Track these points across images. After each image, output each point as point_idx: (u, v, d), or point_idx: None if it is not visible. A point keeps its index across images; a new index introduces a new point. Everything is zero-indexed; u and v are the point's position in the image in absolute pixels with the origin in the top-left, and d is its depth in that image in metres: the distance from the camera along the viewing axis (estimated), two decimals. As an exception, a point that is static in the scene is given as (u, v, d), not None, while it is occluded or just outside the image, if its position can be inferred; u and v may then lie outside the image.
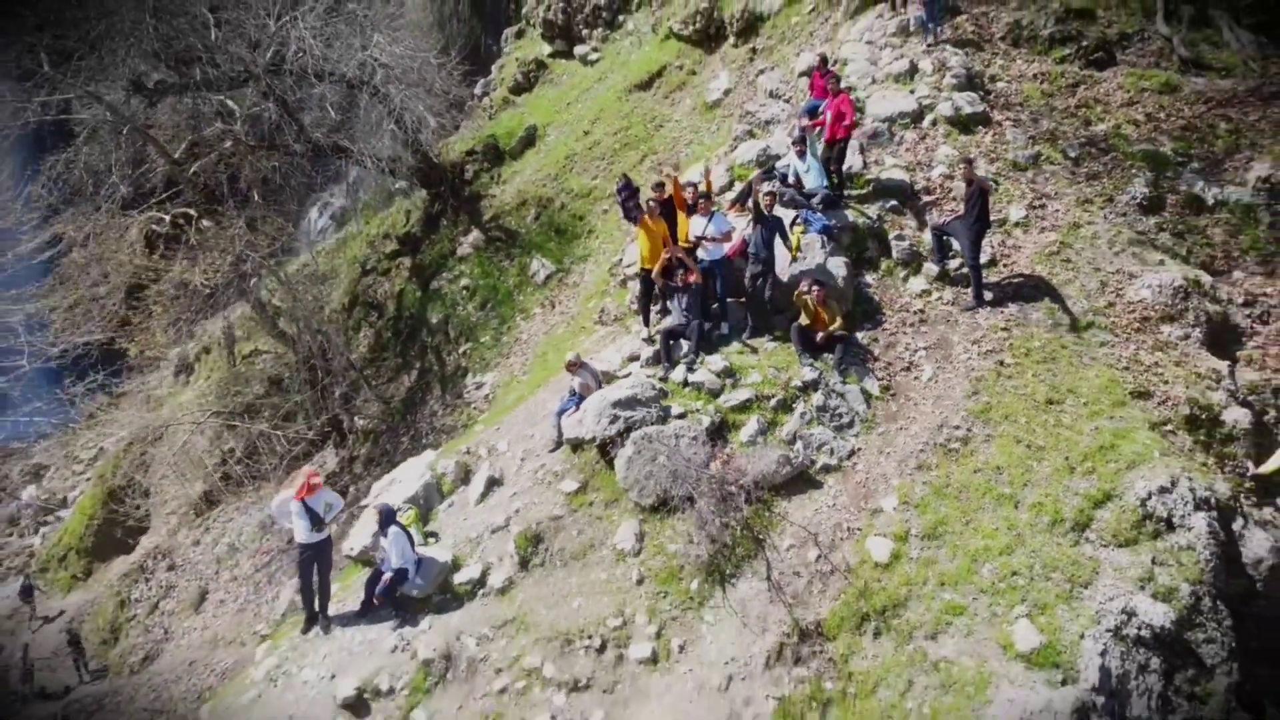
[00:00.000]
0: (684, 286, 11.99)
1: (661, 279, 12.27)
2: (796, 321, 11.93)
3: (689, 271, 11.95)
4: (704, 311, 12.08)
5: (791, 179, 13.36)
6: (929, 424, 11.06)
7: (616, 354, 12.74)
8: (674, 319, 12.31)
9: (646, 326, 12.96)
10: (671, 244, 12.12)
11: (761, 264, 12.09)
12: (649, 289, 12.79)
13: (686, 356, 11.79)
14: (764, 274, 12.16)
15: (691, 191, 12.54)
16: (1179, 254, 13.45)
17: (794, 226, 12.71)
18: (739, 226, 12.77)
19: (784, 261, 12.52)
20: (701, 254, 12.24)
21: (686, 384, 11.54)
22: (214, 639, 21.18)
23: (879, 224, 13.43)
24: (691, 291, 11.97)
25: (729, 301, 12.54)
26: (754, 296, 12.35)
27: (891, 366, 11.99)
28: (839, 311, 11.96)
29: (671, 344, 11.95)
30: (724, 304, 12.42)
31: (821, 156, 13.45)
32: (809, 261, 12.49)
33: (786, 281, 12.41)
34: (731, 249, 12.37)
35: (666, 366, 11.83)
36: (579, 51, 26.81)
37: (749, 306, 12.43)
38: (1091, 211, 13.66)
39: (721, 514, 10.14)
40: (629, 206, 12.80)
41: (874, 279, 13.06)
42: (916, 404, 11.46)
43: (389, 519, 10.27)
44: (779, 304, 12.36)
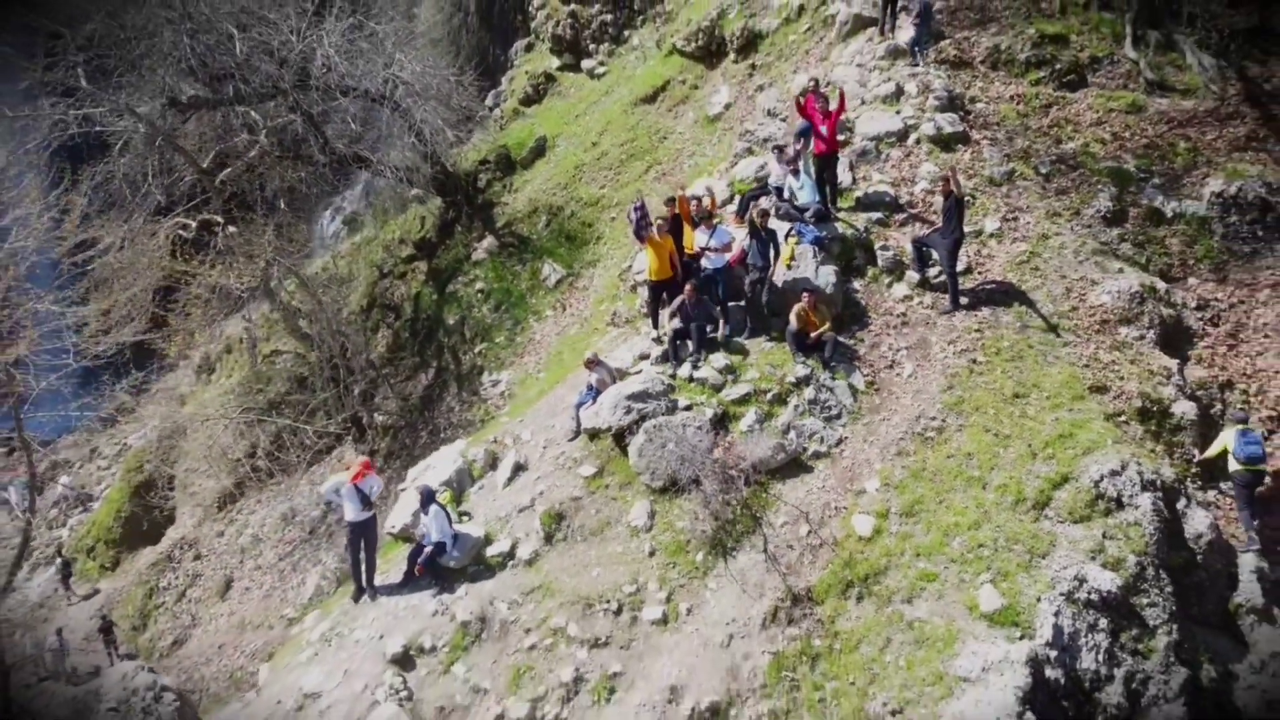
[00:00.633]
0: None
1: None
2: (790, 324, 13.20)
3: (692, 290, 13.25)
4: (706, 315, 13.31)
5: (787, 195, 14.61)
6: (908, 415, 12.27)
7: (629, 353, 13.96)
8: (680, 322, 13.57)
9: (655, 329, 14.17)
10: (679, 259, 13.40)
11: (759, 272, 13.40)
12: (657, 296, 14.01)
13: (692, 355, 13.02)
14: (761, 280, 13.47)
15: (696, 206, 13.86)
16: (1139, 262, 14.56)
17: (789, 238, 13.90)
18: (739, 237, 14.04)
19: (777, 268, 13.73)
20: (705, 263, 13.48)
21: (692, 379, 12.78)
22: (241, 623, 22.02)
23: (866, 235, 14.54)
24: (693, 299, 13.24)
25: (730, 305, 13.70)
26: (752, 301, 13.66)
27: (876, 364, 13.15)
28: (829, 315, 13.19)
29: (678, 344, 13.19)
30: (725, 308, 13.57)
31: (814, 171, 14.70)
32: (802, 270, 13.68)
33: (781, 287, 13.65)
34: (732, 258, 13.62)
35: (674, 364, 13.07)
36: (586, 65, 27.69)
37: (748, 310, 13.73)
38: (1059, 224, 14.78)
39: (723, 494, 11.38)
40: (640, 226, 14.01)
41: (861, 285, 14.20)
42: (898, 397, 12.65)
43: (429, 499, 11.54)
44: (774, 307, 13.62)
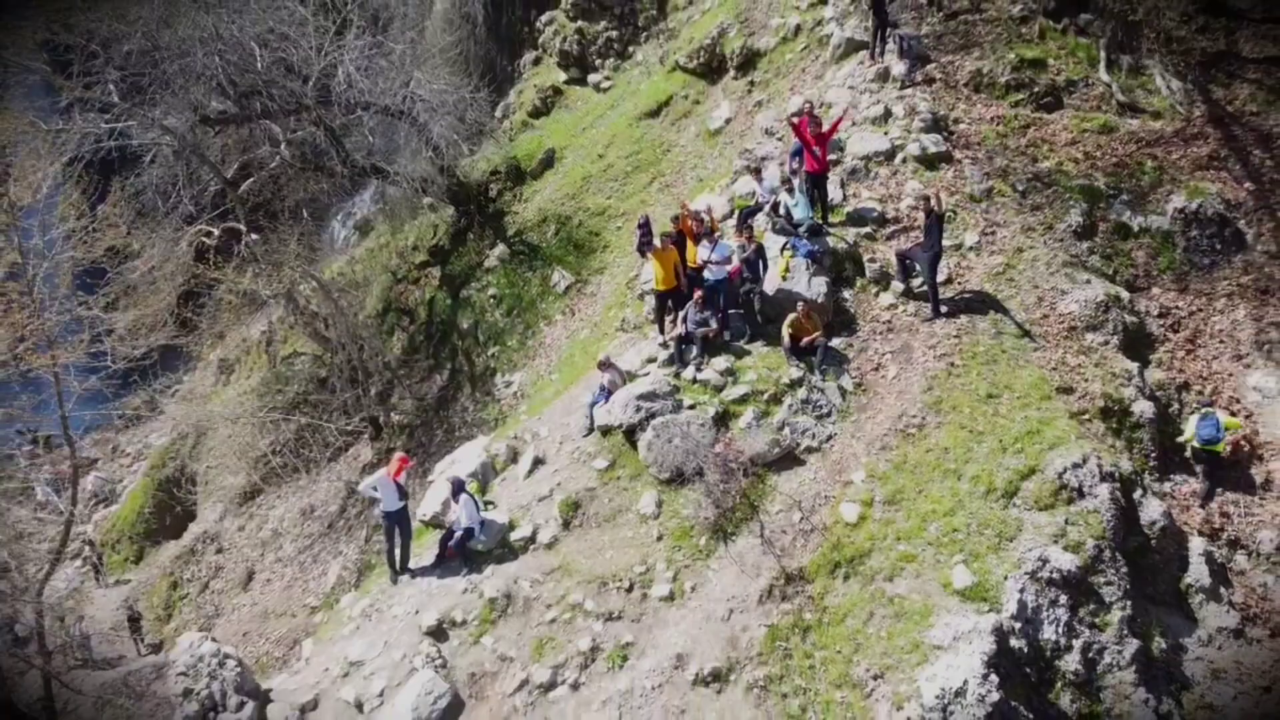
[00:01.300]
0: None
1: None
2: (783, 336, 14.32)
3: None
4: (708, 322, 14.48)
5: (782, 211, 15.83)
6: (892, 413, 13.47)
7: (637, 356, 15.19)
8: (684, 328, 14.79)
9: (661, 334, 15.35)
10: (683, 270, 14.63)
11: (750, 283, 14.75)
12: (663, 304, 15.23)
13: (695, 359, 14.27)
14: (751, 289, 14.78)
15: (697, 223, 15.09)
16: (1106, 274, 15.65)
17: (784, 251, 15.12)
18: (737, 251, 15.28)
19: (773, 279, 14.97)
20: (707, 274, 14.70)
21: (695, 381, 14.04)
22: (265, 613, 23.03)
23: (855, 248, 15.68)
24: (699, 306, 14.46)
25: (730, 313, 14.91)
26: (746, 308, 14.90)
27: (863, 367, 14.34)
28: (820, 323, 14.42)
29: (683, 348, 14.42)
30: (726, 316, 14.75)
31: (805, 187, 15.86)
32: (796, 281, 14.89)
33: (774, 295, 14.86)
34: (732, 270, 14.84)
35: (679, 367, 14.31)
36: (592, 80, 28.57)
37: (746, 317, 14.98)
38: (1034, 238, 15.85)
39: (724, 485, 12.63)
40: (644, 242, 15.22)
41: (850, 295, 15.35)
42: (882, 397, 13.84)
43: (460, 488, 12.77)
44: (768, 314, 14.86)
